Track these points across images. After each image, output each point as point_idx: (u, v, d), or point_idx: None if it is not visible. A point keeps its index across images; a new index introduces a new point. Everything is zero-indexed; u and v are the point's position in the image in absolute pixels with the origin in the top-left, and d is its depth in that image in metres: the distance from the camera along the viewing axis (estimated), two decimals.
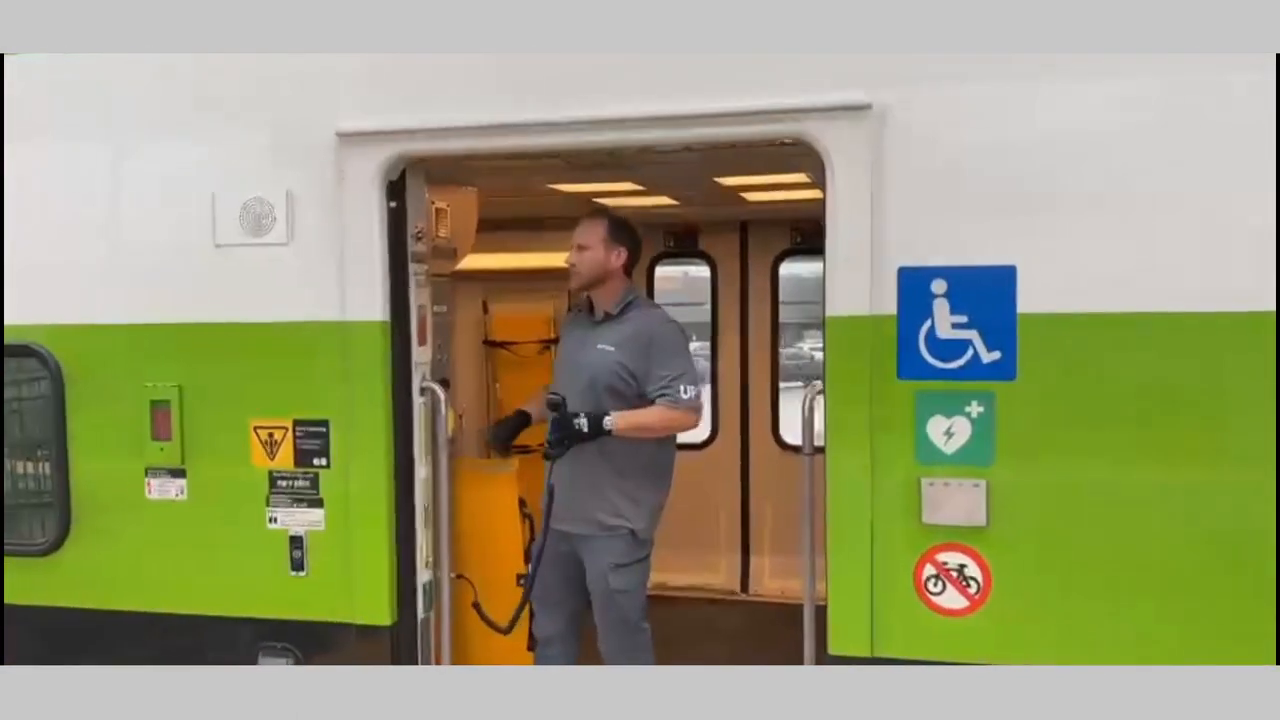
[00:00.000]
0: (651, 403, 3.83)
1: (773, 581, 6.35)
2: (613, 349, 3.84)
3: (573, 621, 3.99)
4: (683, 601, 6.26)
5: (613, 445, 3.82)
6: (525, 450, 5.24)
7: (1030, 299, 3.26)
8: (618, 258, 3.93)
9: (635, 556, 3.90)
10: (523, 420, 4.25)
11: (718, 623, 5.84)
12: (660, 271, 6.80)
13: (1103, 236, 3.22)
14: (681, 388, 3.77)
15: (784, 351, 6.79)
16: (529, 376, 5.69)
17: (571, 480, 3.91)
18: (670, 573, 6.44)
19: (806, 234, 6.25)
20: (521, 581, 4.35)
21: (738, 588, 6.44)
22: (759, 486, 6.52)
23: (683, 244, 6.62)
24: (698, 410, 3.83)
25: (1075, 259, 3.24)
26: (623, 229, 3.96)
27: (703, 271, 6.78)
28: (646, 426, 3.79)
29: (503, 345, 6.48)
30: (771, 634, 5.63)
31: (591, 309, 3.99)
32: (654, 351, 3.82)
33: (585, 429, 3.73)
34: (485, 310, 6.29)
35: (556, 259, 6.01)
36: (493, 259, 5.66)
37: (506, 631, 4.03)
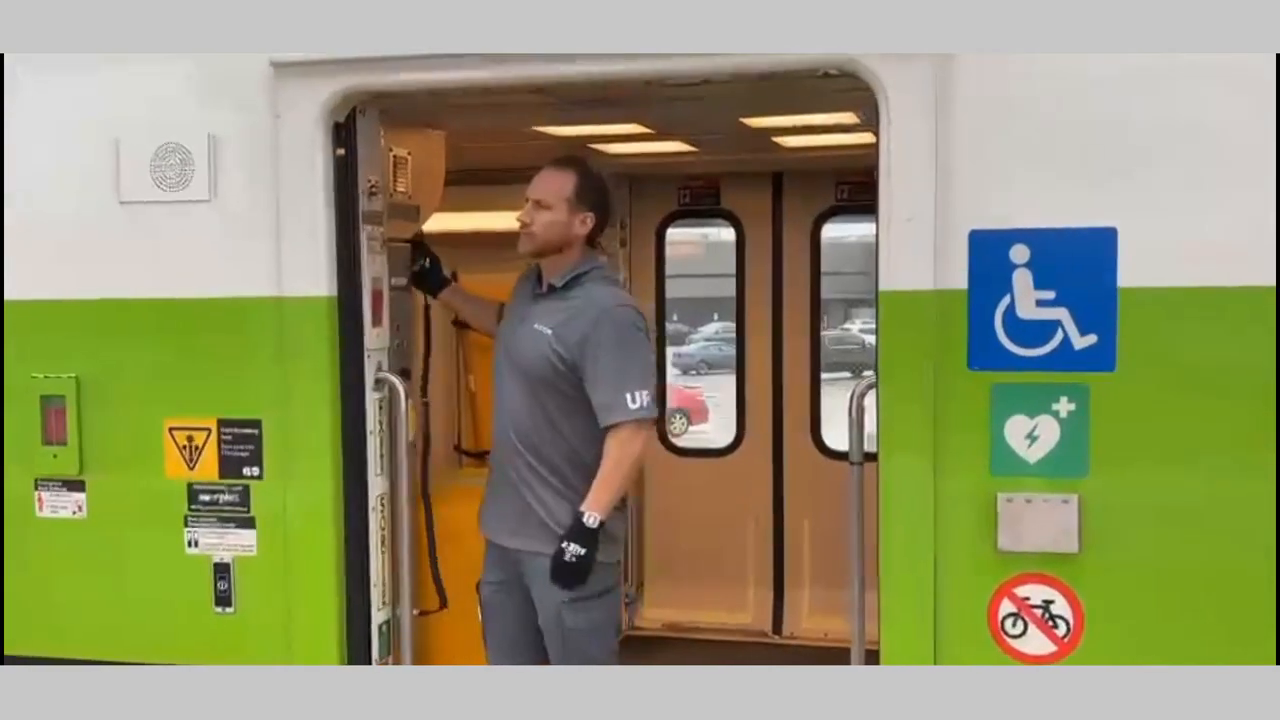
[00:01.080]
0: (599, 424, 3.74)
1: (813, 621, 6.37)
2: (549, 331, 3.77)
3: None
4: (700, 646, 6.29)
5: (558, 427, 3.79)
6: None
7: (1134, 270, 3.29)
8: (583, 224, 3.86)
9: (598, 586, 3.76)
10: (442, 281, 4.35)
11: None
12: (673, 234, 6.81)
13: (1225, 193, 3.24)
14: (628, 397, 3.67)
15: (827, 335, 6.80)
16: None
17: (503, 479, 3.89)
18: (684, 610, 6.47)
19: (855, 188, 6.24)
20: None
21: (769, 628, 6.47)
22: (796, 502, 6.53)
23: (701, 200, 6.61)
24: (652, 422, 3.80)
25: (1191, 220, 3.26)
26: (595, 187, 3.89)
27: (726, 234, 6.77)
28: (621, 482, 3.70)
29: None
30: None
31: (540, 279, 3.98)
32: (591, 341, 3.72)
33: (581, 552, 3.64)
34: (455, 283, 6.28)
35: None
36: (464, 219, 5.65)
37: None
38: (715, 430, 18.91)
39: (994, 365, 3.39)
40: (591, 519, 3.65)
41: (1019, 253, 3.35)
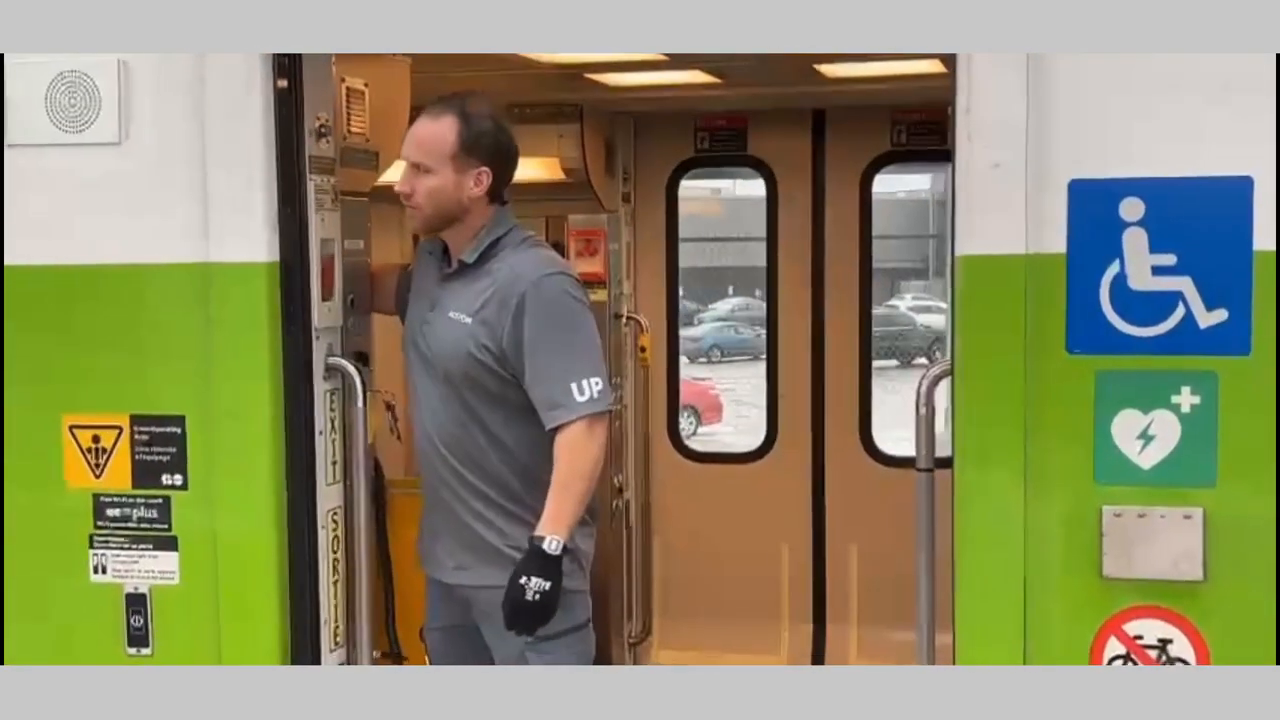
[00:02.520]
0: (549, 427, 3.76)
1: (862, 663, 6.48)
2: (468, 320, 3.80)
3: None
4: None
5: (497, 438, 3.82)
6: None
7: (1275, 228, 3.30)
8: (477, 182, 3.86)
9: (570, 621, 3.82)
10: None
11: None
12: (687, 188, 6.88)
13: None
14: (575, 388, 3.70)
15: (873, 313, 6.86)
16: None
17: (437, 502, 3.92)
18: (703, 652, 6.52)
19: (916, 129, 6.33)
20: None
21: None
22: (840, 521, 6.63)
23: (724, 145, 6.67)
24: (608, 411, 3.80)
25: None
26: (484, 132, 3.87)
27: (743, 189, 6.82)
28: (582, 494, 3.73)
29: None
30: None
31: (446, 254, 3.99)
32: (528, 321, 3.74)
33: (545, 587, 3.62)
34: (416, 245, 6.32)
35: (526, 168, 6.06)
36: None
37: None
38: (730, 432, 19.01)
39: (1099, 348, 3.41)
40: (553, 544, 3.65)
41: (1131, 208, 3.37)
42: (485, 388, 3.81)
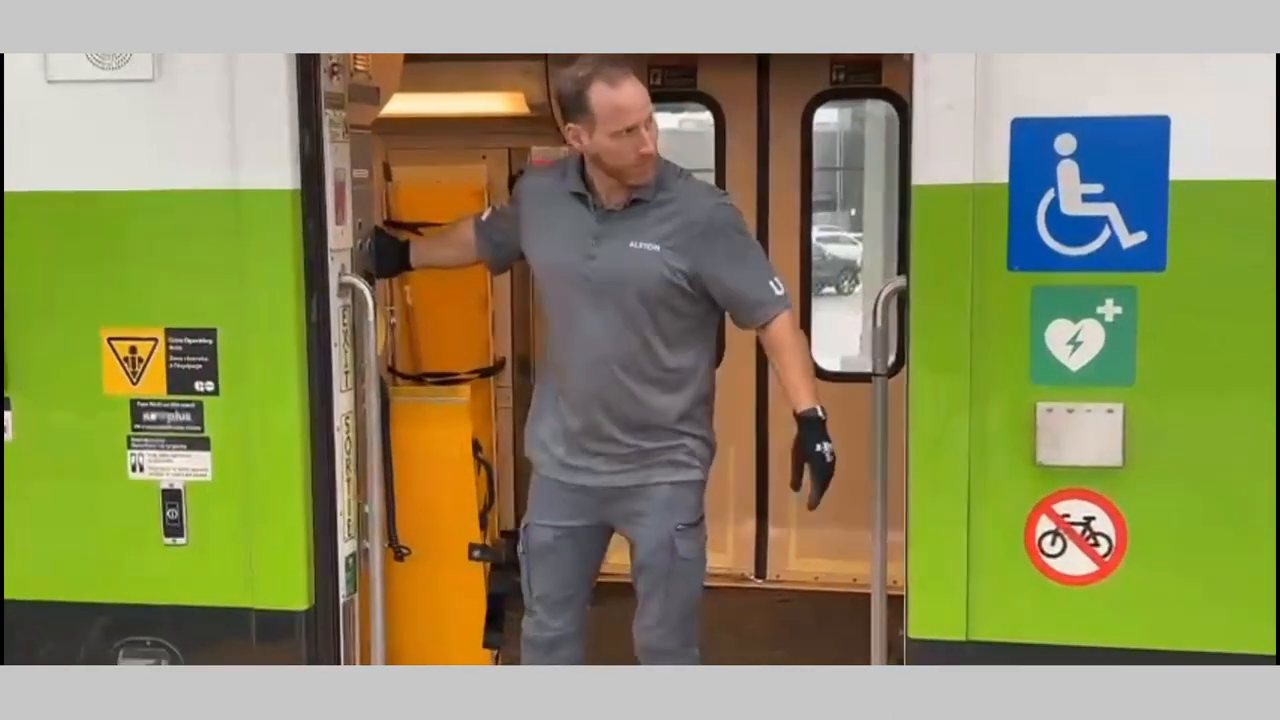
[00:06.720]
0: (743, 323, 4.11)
1: (801, 563, 6.78)
2: (656, 247, 3.95)
3: (583, 614, 4.37)
4: None
5: (673, 346, 4.04)
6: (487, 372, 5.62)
7: (1188, 161, 3.65)
8: None
9: (701, 511, 4.19)
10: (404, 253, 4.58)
11: (727, 620, 6.24)
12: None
13: None
14: (772, 284, 4.04)
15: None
16: (455, 281, 5.81)
17: (602, 417, 4.07)
18: None
19: (853, 68, 6.58)
20: (477, 555, 4.72)
21: (751, 571, 6.87)
22: (782, 428, 6.50)
23: (676, 82, 6.83)
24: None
25: (1253, 108, 3.60)
26: None
27: (702, 122, 6.94)
28: (812, 367, 4.22)
29: (413, 228, 6.59)
30: (805, 632, 6.05)
31: (589, 191, 4.06)
32: (721, 243, 3.97)
33: (832, 447, 3.93)
34: (388, 176, 6.41)
35: (492, 102, 6.21)
36: (404, 101, 5.82)
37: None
38: None
39: (1035, 266, 3.74)
40: (820, 410, 3.98)
41: (1065, 143, 3.69)
42: (672, 305, 4.00)
